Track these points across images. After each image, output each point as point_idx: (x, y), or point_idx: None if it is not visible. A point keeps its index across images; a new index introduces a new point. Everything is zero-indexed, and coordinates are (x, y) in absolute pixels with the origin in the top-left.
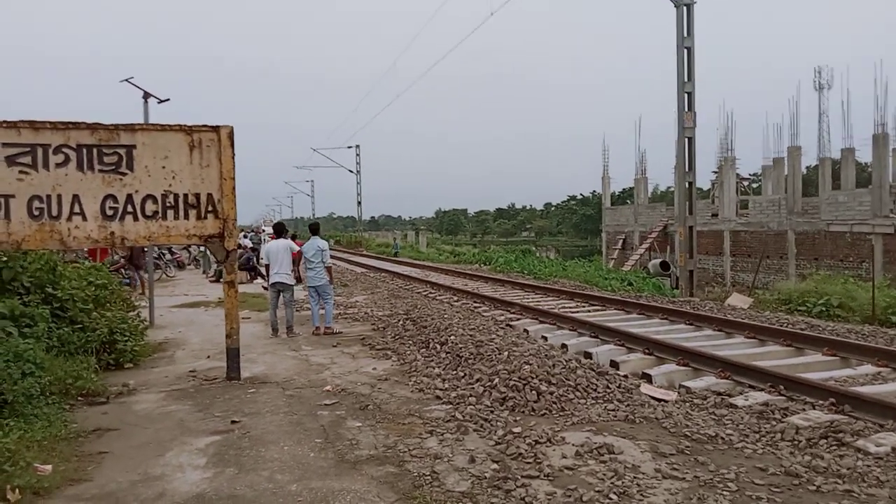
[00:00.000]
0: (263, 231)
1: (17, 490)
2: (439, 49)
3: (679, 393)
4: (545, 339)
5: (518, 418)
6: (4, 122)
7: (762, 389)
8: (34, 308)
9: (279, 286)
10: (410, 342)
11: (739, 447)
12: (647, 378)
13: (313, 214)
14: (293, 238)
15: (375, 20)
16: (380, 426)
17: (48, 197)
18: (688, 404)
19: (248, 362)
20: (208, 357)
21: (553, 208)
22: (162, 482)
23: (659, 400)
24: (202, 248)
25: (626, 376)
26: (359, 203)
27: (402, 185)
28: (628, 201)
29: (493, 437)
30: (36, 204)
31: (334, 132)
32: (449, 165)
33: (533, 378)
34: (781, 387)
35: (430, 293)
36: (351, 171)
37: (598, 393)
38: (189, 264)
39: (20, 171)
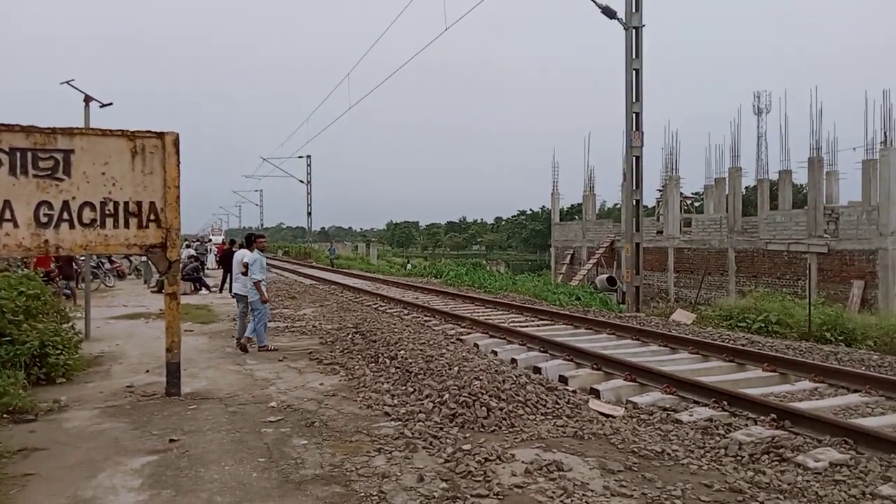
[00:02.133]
0: (210, 241)
1: None
2: (393, 60)
3: (626, 408)
4: (495, 353)
5: (468, 435)
6: None
7: (706, 405)
8: None
9: (237, 297)
10: (359, 357)
11: (685, 463)
12: (596, 393)
13: (262, 224)
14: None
15: (329, 28)
16: (326, 444)
17: None
18: (635, 420)
19: (189, 377)
20: (147, 371)
21: (503, 223)
22: None
23: (607, 415)
24: (143, 258)
25: (574, 391)
26: (309, 214)
27: (354, 197)
28: (577, 217)
29: (442, 455)
30: None
31: (286, 142)
32: (401, 176)
33: (483, 394)
34: (725, 402)
35: (381, 306)
36: (301, 182)
37: (548, 408)
38: (130, 274)
39: None
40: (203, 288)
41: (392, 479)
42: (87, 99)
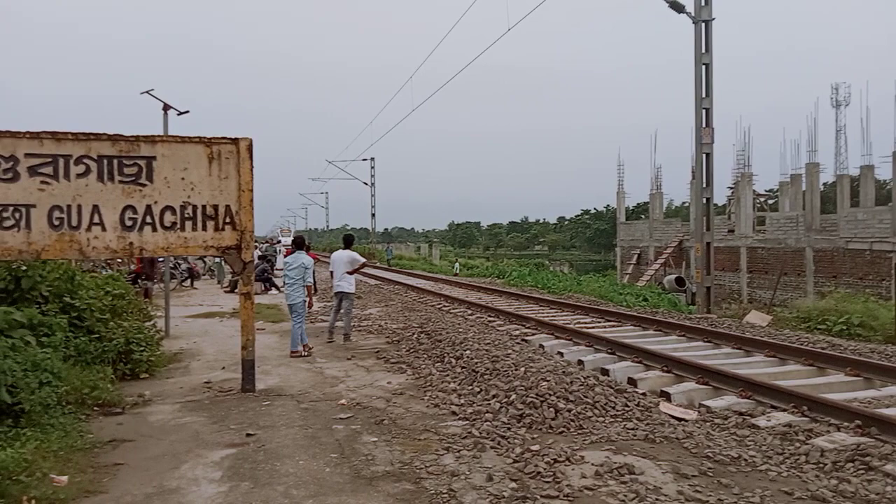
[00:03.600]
0: (279, 242)
1: (33, 501)
2: (457, 60)
3: (699, 412)
4: (561, 354)
5: (536, 436)
6: (28, 132)
7: (785, 410)
8: (52, 317)
9: (340, 295)
10: (425, 356)
11: (763, 469)
12: (666, 396)
13: (327, 226)
14: (308, 249)
15: (392, 35)
16: (396, 442)
17: (68, 207)
18: (708, 424)
19: (262, 374)
20: (223, 368)
21: (566, 222)
22: (177, 496)
23: (678, 419)
24: (217, 259)
25: (644, 394)
26: (373, 215)
27: (416, 198)
28: (642, 216)
29: (510, 455)
30: (56, 214)
31: (351, 144)
32: (463, 178)
33: (550, 395)
34: (805, 407)
35: (444, 306)
36: (365, 184)
37: (617, 411)
38: (204, 274)
39: (42, 182)
40: (273, 288)
41: (461, 477)
42: (166, 107)
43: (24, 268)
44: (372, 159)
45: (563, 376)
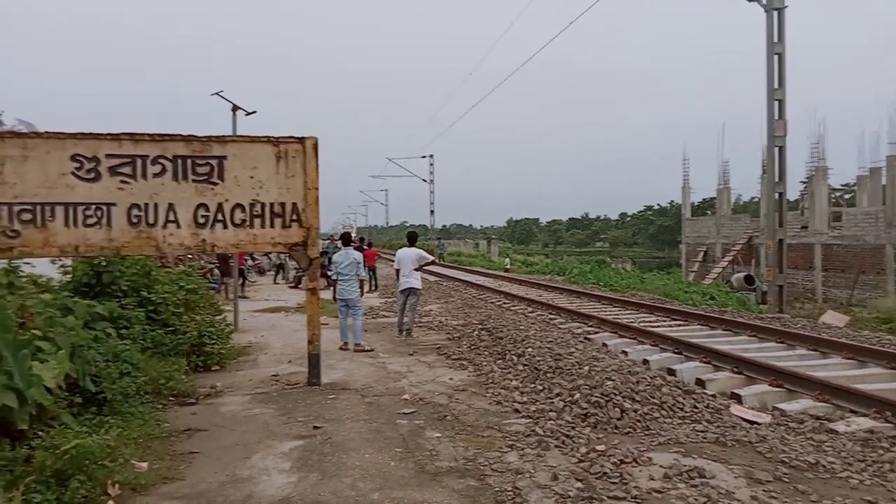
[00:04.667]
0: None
1: (116, 485)
2: (517, 56)
3: (772, 415)
4: (626, 353)
5: (601, 436)
6: (109, 134)
7: (866, 415)
8: (131, 311)
9: (407, 291)
10: (486, 353)
11: (843, 477)
12: (737, 398)
13: (387, 223)
14: (370, 246)
15: (453, 29)
16: (459, 438)
17: (146, 205)
18: (783, 428)
19: (327, 368)
20: (289, 362)
21: (628, 218)
22: (249, 484)
23: (751, 422)
24: (281, 255)
25: (713, 396)
26: (431, 212)
27: (475, 195)
28: (708, 212)
29: (575, 455)
30: (135, 212)
31: (409, 141)
32: (522, 174)
33: (616, 395)
34: (888, 413)
35: (504, 303)
36: (424, 181)
37: (685, 412)
38: (269, 270)
39: (121, 181)
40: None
41: (526, 475)
42: (235, 108)
43: (104, 263)
44: (431, 156)
45: (628, 376)
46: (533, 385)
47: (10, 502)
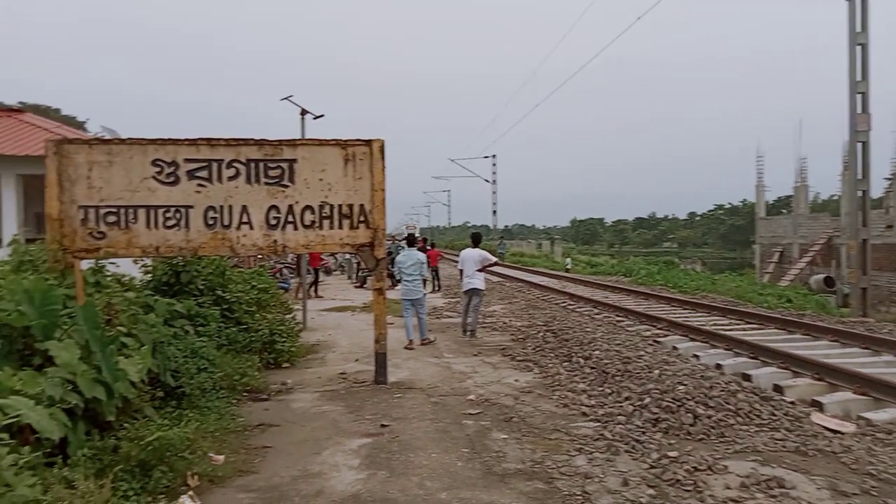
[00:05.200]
0: (404, 239)
1: (195, 476)
2: (582, 54)
3: (857, 425)
4: (697, 357)
5: (673, 442)
6: (187, 139)
7: None
8: (207, 309)
9: (470, 292)
10: (552, 355)
11: None
12: (819, 406)
13: (449, 223)
14: (432, 247)
15: (516, 28)
16: (526, 440)
17: (221, 207)
18: (869, 438)
19: (393, 367)
20: (356, 360)
21: (698, 218)
22: (320, 480)
23: (834, 431)
24: (347, 255)
25: (793, 403)
26: (494, 212)
27: (538, 195)
28: (784, 211)
29: (646, 461)
30: (210, 214)
31: (472, 142)
32: (586, 174)
33: (688, 400)
34: None
35: (570, 305)
36: (487, 181)
37: (763, 420)
38: (335, 270)
39: (198, 185)
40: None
41: (595, 480)
42: (303, 112)
43: (182, 263)
44: (493, 156)
45: (701, 380)
46: (601, 388)
47: (100, 489)
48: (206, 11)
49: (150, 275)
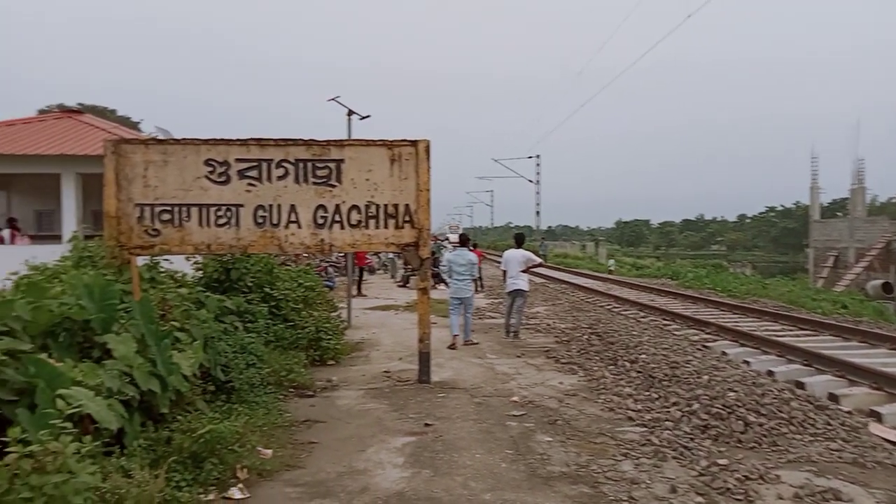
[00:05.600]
0: (446, 239)
1: (245, 469)
2: (629, 53)
3: None
4: (748, 363)
5: (723, 449)
6: (238, 140)
7: None
8: (255, 306)
9: (514, 293)
10: (597, 358)
11: None
12: (877, 416)
13: (492, 224)
14: (475, 247)
15: (560, 28)
16: (570, 443)
17: (270, 206)
18: None
19: (436, 367)
20: (400, 359)
21: (748, 220)
22: (365, 476)
23: (893, 443)
24: (390, 254)
25: (849, 412)
26: (537, 213)
27: (582, 195)
28: (838, 214)
29: (695, 468)
30: (260, 213)
31: (516, 142)
32: (631, 174)
33: (739, 406)
34: None
35: (615, 307)
36: (531, 181)
37: (817, 429)
38: (378, 269)
39: (248, 184)
40: (442, 283)
41: (642, 486)
42: (350, 113)
43: (232, 261)
44: (537, 157)
45: (752, 387)
46: (647, 393)
47: (155, 479)
48: (249, 21)
49: (201, 272)
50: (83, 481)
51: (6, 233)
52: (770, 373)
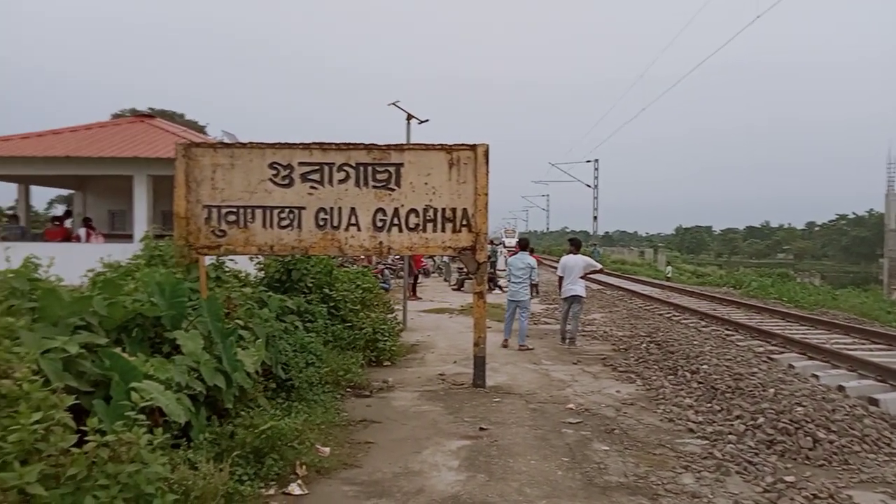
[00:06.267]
0: (502, 243)
1: (304, 466)
2: (694, 55)
3: None
4: (816, 378)
5: (789, 466)
6: (301, 143)
7: None
8: (315, 306)
9: (570, 299)
10: (656, 367)
11: None
12: None
13: (547, 228)
14: (531, 252)
15: (625, 28)
16: (628, 453)
17: (331, 209)
18: None
19: (491, 371)
20: (454, 362)
21: (817, 228)
22: (420, 478)
23: None
24: (445, 258)
25: None
26: (595, 217)
27: (641, 201)
28: None
29: (760, 484)
30: (321, 215)
31: (574, 146)
32: (692, 179)
33: (807, 422)
34: None
35: (674, 316)
36: (588, 186)
37: (893, 448)
38: (433, 272)
39: (310, 187)
40: (496, 287)
41: (703, 500)
42: (409, 117)
43: (293, 262)
44: (595, 161)
45: (822, 402)
46: (709, 405)
47: (219, 472)
48: (313, 31)
49: (263, 272)
50: (155, 471)
51: (82, 232)
52: (841, 388)
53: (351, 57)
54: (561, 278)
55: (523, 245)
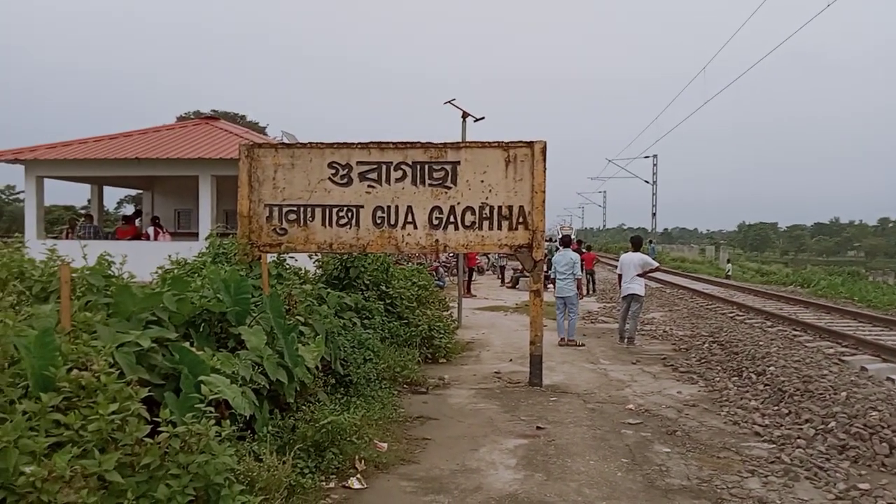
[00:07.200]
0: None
1: (362, 461)
2: (754, 50)
3: None
4: (892, 381)
5: (863, 472)
6: (359, 143)
7: None
8: (372, 303)
9: (629, 298)
10: (718, 368)
11: None
12: None
13: (604, 226)
14: (588, 249)
15: (686, 20)
16: (691, 455)
17: (388, 208)
18: None
19: (547, 370)
20: (510, 360)
21: (892, 224)
22: (478, 476)
23: None
24: (499, 255)
25: None
26: (653, 214)
27: (702, 197)
28: None
29: (831, 490)
30: (378, 214)
31: (633, 142)
32: (756, 174)
33: (883, 427)
34: None
35: (738, 315)
36: (646, 182)
37: None
38: (487, 270)
39: (368, 186)
40: (551, 284)
41: None
42: (465, 115)
43: (351, 259)
44: (654, 156)
45: None
46: (776, 407)
47: (283, 464)
48: (373, 35)
49: (321, 269)
50: (223, 462)
51: (151, 230)
52: None
53: (410, 62)
54: (620, 276)
55: (566, 242)
